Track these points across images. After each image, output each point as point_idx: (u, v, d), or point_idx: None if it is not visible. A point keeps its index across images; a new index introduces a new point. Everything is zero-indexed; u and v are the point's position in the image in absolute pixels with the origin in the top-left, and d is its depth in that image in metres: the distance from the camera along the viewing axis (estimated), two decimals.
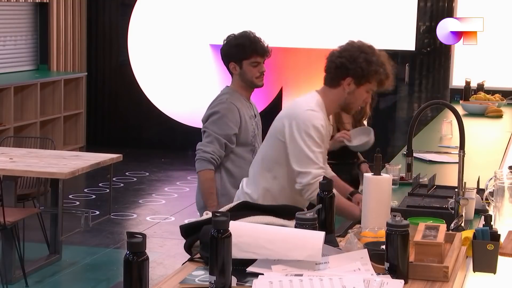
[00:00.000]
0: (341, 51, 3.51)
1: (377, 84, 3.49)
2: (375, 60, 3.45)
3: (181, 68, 10.58)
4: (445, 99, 9.29)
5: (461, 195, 3.27)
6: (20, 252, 5.61)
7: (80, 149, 9.99)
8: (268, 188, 3.58)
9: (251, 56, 4.29)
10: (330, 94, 3.53)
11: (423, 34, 9.98)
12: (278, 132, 3.52)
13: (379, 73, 3.45)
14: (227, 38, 4.39)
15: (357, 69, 3.45)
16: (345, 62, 3.47)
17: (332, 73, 3.52)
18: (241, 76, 4.33)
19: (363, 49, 3.47)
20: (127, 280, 2.13)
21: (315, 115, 3.45)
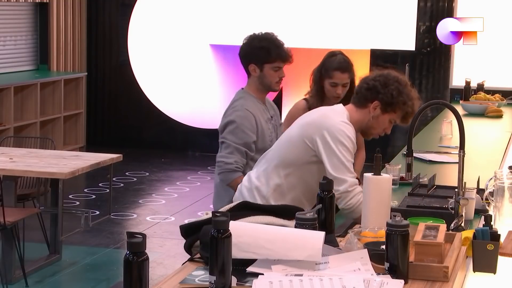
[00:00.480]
0: (377, 76, 3.58)
1: (401, 116, 3.55)
2: (406, 92, 3.52)
3: (181, 68, 10.58)
4: (445, 99, 9.29)
5: (461, 195, 3.27)
6: (20, 252, 5.61)
7: (80, 149, 9.99)
8: (279, 184, 3.63)
9: (275, 60, 4.22)
10: (355, 114, 3.59)
11: (423, 34, 9.98)
12: (308, 137, 3.55)
13: (406, 105, 3.53)
14: (249, 38, 4.29)
15: (387, 95, 3.52)
16: (377, 86, 3.53)
17: (362, 93, 3.58)
18: (260, 79, 4.24)
19: (398, 80, 3.55)
20: (127, 280, 2.13)
21: (348, 127, 3.52)
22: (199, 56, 10.51)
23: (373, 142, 4.75)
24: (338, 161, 3.47)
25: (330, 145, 3.48)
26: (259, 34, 4.28)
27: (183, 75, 10.58)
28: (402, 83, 3.54)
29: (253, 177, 3.73)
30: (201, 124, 10.52)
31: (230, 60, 10.37)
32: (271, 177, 3.65)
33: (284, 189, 3.63)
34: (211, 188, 8.74)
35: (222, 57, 10.44)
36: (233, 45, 10.26)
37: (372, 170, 3.16)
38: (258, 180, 3.70)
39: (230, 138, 4.18)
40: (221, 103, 10.45)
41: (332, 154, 3.48)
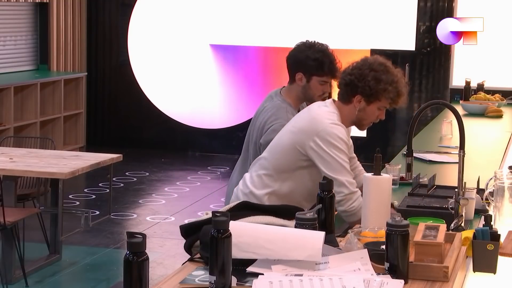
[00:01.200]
0: (352, 68, 3.49)
1: (388, 101, 3.48)
2: (384, 78, 3.42)
3: (181, 68, 10.58)
4: (445, 99, 9.29)
5: (461, 195, 3.27)
6: (20, 252, 5.61)
7: (80, 149, 9.99)
8: (274, 190, 3.57)
9: (325, 75, 4.09)
10: (343, 110, 3.53)
11: (423, 34, 9.98)
12: (299, 144, 3.50)
13: (388, 91, 3.43)
14: (303, 46, 4.15)
15: (365, 87, 3.44)
16: (354, 80, 3.46)
17: (343, 89, 3.52)
18: (304, 89, 4.12)
19: (373, 67, 3.44)
20: (127, 280, 2.13)
21: (338, 128, 3.46)
22: (199, 56, 10.50)
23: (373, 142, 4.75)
24: (335, 163, 3.42)
25: (323, 149, 3.43)
26: (315, 43, 4.14)
27: (183, 75, 10.58)
28: (379, 70, 3.44)
29: (248, 182, 3.67)
30: (201, 124, 10.52)
31: (230, 60, 10.38)
32: (266, 183, 3.59)
33: (281, 195, 3.56)
34: (211, 188, 8.81)
35: (222, 57, 10.43)
36: (233, 45, 10.29)
37: (372, 170, 3.16)
38: (253, 185, 3.63)
39: None
40: (221, 103, 10.46)
41: (327, 158, 3.43)
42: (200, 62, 10.51)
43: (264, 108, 4.18)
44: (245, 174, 3.77)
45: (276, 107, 4.10)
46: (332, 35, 9.85)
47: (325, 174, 3.41)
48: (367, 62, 3.48)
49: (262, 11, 10.15)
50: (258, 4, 10.20)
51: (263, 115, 4.14)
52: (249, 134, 4.26)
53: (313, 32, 10.04)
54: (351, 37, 9.78)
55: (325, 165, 3.43)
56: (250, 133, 4.24)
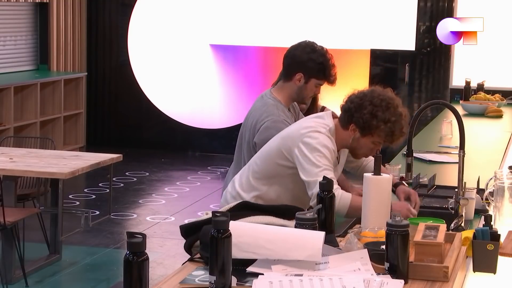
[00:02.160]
0: (356, 96, 3.45)
1: (383, 138, 3.41)
2: (380, 115, 3.36)
3: (181, 68, 10.58)
4: (445, 99, 9.29)
5: (461, 195, 3.27)
6: (20, 252, 5.61)
7: (80, 149, 9.99)
8: (261, 194, 3.56)
9: (323, 79, 4.09)
10: (340, 132, 3.50)
11: (423, 34, 9.98)
12: (285, 148, 3.50)
13: (380, 129, 3.37)
14: (306, 47, 4.12)
15: (359, 119, 3.39)
16: (352, 108, 3.42)
17: (342, 114, 3.50)
18: (299, 89, 4.10)
19: (374, 101, 3.38)
20: (127, 280, 2.13)
21: (324, 137, 3.44)
22: (199, 56, 10.50)
23: None
24: (311, 165, 3.38)
25: (304, 153, 3.41)
26: (317, 46, 4.11)
27: (183, 75, 10.58)
28: (378, 105, 3.37)
29: (237, 184, 3.66)
30: (201, 124, 10.52)
31: (230, 60, 10.38)
32: (253, 187, 3.58)
33: (267, 198, 3.54)
34: (211, 188, 8.81)
35: (222, 57, 10.43)
36: (233, 45, 10.28)
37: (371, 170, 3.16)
38: (241, 187, 3.62)
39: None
40: (221, 103, 10.46)
41: (305, 161, 3.40)
42: (200, 62, 10.51)
43: (254, 108, 4.17)
44: (235, 176, 3.76)
45: (266, 105, 4.09)
46: (332, 35, 9.85)
47: (300, 173, 3.40)
48: (372, 94, 3.42)
49: (262, 11, 10.15)
50: (258, 4, 10.20)
51: (253, 114, 4.13)
52: (241, 136, 4.23)
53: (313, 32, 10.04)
54: (351, 37, 9.78)
55: (302, 166, 3.41)
56: (242, 134, 4.22)
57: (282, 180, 3.54)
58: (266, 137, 3.89)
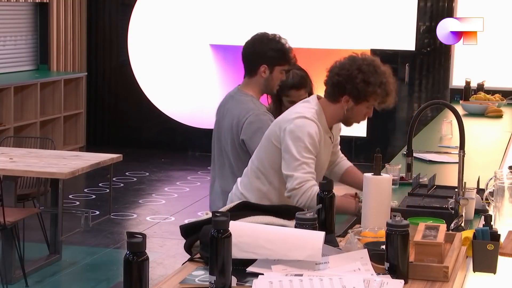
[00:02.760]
0: (340, 68, 3.44)
1: (377, 102, 3.43)
2: (373, 80, 3.38)
3: (181, 68, 10.58)
4: (445, 99, 9.29)
5: (461, 195, 3.27)
6: (20, 252, 5.61)
7: (80, 149, 9.99)
8: (264, 192, 3.55)
9: (286, 64, 4.12)
10: (330, 109, 3.49)
11: (423, 34, 9.98)
12: (274, 136, 3.50)
13: (377, 93, 3.39)
14: (261, 38, 4.17)
15: (353, 89, 3.39)
16: (342, 81, 3.41)
17: (330, 89, 3.48)
18: (266, 81, 4.11)
19: (362, 68, 3.39)
20: (127, 280, 2.13)
21: (310, 123, 3.42)
22: (199, 56, 10.50)
23: (373, 142, 4.75)
24: (291, 157, 3.38)
25: (286, 141, 3.40)
26: (271, 35, 4.16)
27: (183, 75, 10.58)
28: (367, 71, 3.39)
29: (239, 186, 3.66)
30: (201, 124, 10.52)
31: (230, 60, 10.37)
32: (255, 186, 3.57)
33: (272, 197, 3.54)
34: None
35: (222, 57, 10.44)
36: (233, 45, 10.27)
37: (372, 170, 3.15)
38: (245, 189, 3.62)
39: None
40: None
41: (286, 151, 3.40)
42: (200, 62, 10.51)
43: (227, 109, 4.15)
44: (238, 178, 3.75)
45: (242, 102, 4.09)
46: (332, 35, 9.85)
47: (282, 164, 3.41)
48: (356, 62, 3.42)
49: (262, 11, 10.15)
50: (258, 4, 10.20)
51: (230, 114, 4.11)
52: (218, 140, 4.20)
53: (313, 32, 10.05)
54: (351, 37, 9.78)
55: (283, 157, 3.41)
56: (220, 138, 4.18)
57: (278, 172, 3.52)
58: (252, 131, 3.94)
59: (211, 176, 4.36)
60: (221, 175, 4.18)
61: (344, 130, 3.82)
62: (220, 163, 4.20)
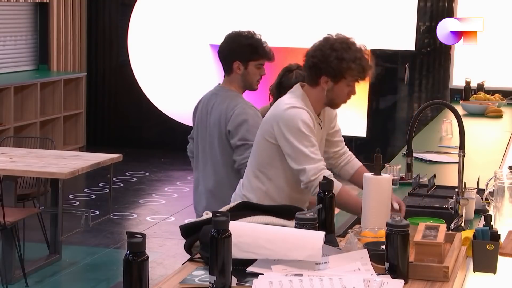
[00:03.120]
0: (315, 50, 3.47)
1: (355, 77, 3.44)
2: (346, 56, 3.40)
3: (181, 68, 10.58)
4: (445, 99, 9.29)
5: (461, 195, 3.27)
6: (20, 252, 5.61)
7: (80, 149, 9.99)
8: (265, 191, 3.54)
9: (259, 58, 4.18)
10: (312, 93, 3.50)
11: (423, 34, 9.98)
12: (267, 133, 3.49)
13: (352, 69, 3.40)
14: (233, 36, 4.24)
15: (329, 68, 3.41)
16: (317, 62, 3.43)
17: (308, 72, 3.50)
18: (243, 76, 4.19)
19: (334, 46, 3.43)
20: (127, 280, 2.13)
21: (299, 111, 3.42)
22: (199, 56, 10.50)
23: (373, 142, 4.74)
24: (296, 151, 3.37)
25: (285, 136, 3.39)
26: (243, 32, 4.23)
27: (183, 75, 10.58)
28: (339, 49, 3.41)
29: (241, 188, 3.65)
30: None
31: None
32: (255, 185, 3.56)
33: (273, 194, 3.52)
34: None
35: None
36: None
37: (372, 170, 3.15)
38: (245, 190, 3.61)
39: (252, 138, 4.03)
40: None
41: (288, 146, 3.39)
42: (200, 62, 10.51)
43: (212, 105, 4.21)
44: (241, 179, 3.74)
45: (228, 97, 4.16)
46: None
47: (288, 160, 3.40)
48: (329, 42, 3.46)
49: (262, 11, 10.15)
50: (258, 4, 10.20)
51: (217, 109, 4.17)
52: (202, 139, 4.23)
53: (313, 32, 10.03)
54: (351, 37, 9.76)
55: (288, 153, 3.41)
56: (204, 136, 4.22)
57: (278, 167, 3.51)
58: (238, 123, 4.02)
59: (194, 178, 4.40)
60: (204, 175, 4.21)
61: (344, 130, 3.81)
62: (203, 163, 4.25)
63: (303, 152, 3.37)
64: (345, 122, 8.77)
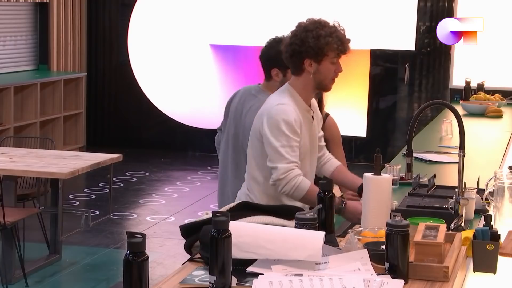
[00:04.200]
0: (291, 37, 3.51)
1: (336, 52, 3.48)
2: (322, 33, 3.44)
3: (181, 68, 10.58)
4: (445, 99, 9.30)
5: (461, 195, 3.27)
6: (20, 252, 5.61)
7: (80, 149, 9.98)
8: (264, 191, 3.55)
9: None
10: (299, 82, 3.53)
11: (423, 34, 9.98)
12: (257, 131, 3.53)
13: (330, 43, 3.44)
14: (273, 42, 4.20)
15: (308, 50, 3.44)
16: (296, 48, 3.47)
17: (291, 61, 3.53)
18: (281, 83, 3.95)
19: (308, 28, 3.46)
20: (127, 280, 2.13)
21: (284, 108, 3.45)
22: (199, 56, 10.51)
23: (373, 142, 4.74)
24: (272, 149, 3.43)
25: (266, 134, 3.45)
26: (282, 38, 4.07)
27: (183, 75, 10.58)
28: (313, 28, 3.45)
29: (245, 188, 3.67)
30: (201, 124, 10.52)
31: (230, 60, 10.38)
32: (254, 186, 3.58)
33: (272, 193, 3.53)
34: (211, 188, 8.80)
35: (222, 57, 10.44)
36: (233, 45, 10.29)
37: (372, 170, 3.15)
38: (248, 190, 3.63)
39: None
40: (221, 103, 10.44)
41: (267, 144, 3.45)
42: (200, 62, 10.51)
43: (250, 107, 4.15)
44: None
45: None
46: None
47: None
48: (301, 26, 3.50)
49: (262, 11, 10.15)
50: (258, 4, 10.20)
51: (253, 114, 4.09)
52: (235, 138, 4.18)
53: None
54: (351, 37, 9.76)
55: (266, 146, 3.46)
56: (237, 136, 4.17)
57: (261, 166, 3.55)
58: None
59: (220, 177, 4.33)
60: (236, 174, 4.15)
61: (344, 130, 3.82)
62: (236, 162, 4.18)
63: (277, 150, 3.42)
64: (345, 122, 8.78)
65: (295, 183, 3.41)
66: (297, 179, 3.41)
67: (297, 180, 3.40)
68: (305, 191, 3.41)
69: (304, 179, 3.44)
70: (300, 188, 3.41)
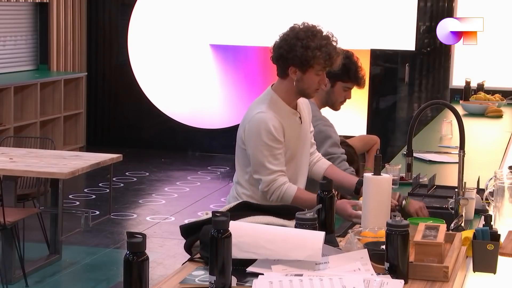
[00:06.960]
0: (281, 41, 3.48)
1: (323, 66, 3.43)
2: (312, 45, 3.38)
3: (181, 68, 10.58)
4: (445, 99, 9.29)
5: (461, 195, 3.27)
6: (20, 252, 5.61)
7: (80, 149, 9.98)
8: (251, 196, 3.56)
9: (349, 82, 4.12)
10: (282, 86, 3.52)
11: (423, 34, 9.98)
12: (240, 139, 3.54)
13: (318, 57, 3.39)
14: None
15: (295, 58, 3.41)
16: (283, 53, 3.44)
17: (277, 64, 3.51)
18: (327, 94, 4.14)
19: (299, 36, 3.41)
20: (127, 280, 2.13)
21: (264, 117, 3.44)
22: (199, 56, 10.50)
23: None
24: (255, 161, 3.46)
25: (248, 144, 3.47)
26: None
27: (183, 75, 10.58)
28: (304, 38, 3.39)
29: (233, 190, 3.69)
30: (201, 124, 10.52)
31: (230, 60, 10.38)
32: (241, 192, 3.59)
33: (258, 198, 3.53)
34: (211, 188, 8.81)
35: (222, 57, 10.43)
36: (233, 45, 10.28)
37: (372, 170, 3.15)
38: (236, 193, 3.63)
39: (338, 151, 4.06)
40: (221, 103, 10.46)
41: (250, 155, 3.47)
42: (200, 62, 10.51)
43: None
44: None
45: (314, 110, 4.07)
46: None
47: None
48: (294, 31, 3.45)
49: (262, 11, 10.15)
50: (258, 4, 10.20)
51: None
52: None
53: None
54: (351, 37, 9.77)
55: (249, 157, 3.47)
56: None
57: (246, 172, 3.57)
58: (321, 139, 3.97)
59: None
60: None
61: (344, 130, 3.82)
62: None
63: (260, 162, 3.44)
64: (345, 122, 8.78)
65: (280, 193, 3.46)
66: (281, 188, 3.45)
67: (281, 189, 3.45)
68: (292, 197, 3.46)
69: (290, 186, 3.47)
70: (286, 195, 3.46)
